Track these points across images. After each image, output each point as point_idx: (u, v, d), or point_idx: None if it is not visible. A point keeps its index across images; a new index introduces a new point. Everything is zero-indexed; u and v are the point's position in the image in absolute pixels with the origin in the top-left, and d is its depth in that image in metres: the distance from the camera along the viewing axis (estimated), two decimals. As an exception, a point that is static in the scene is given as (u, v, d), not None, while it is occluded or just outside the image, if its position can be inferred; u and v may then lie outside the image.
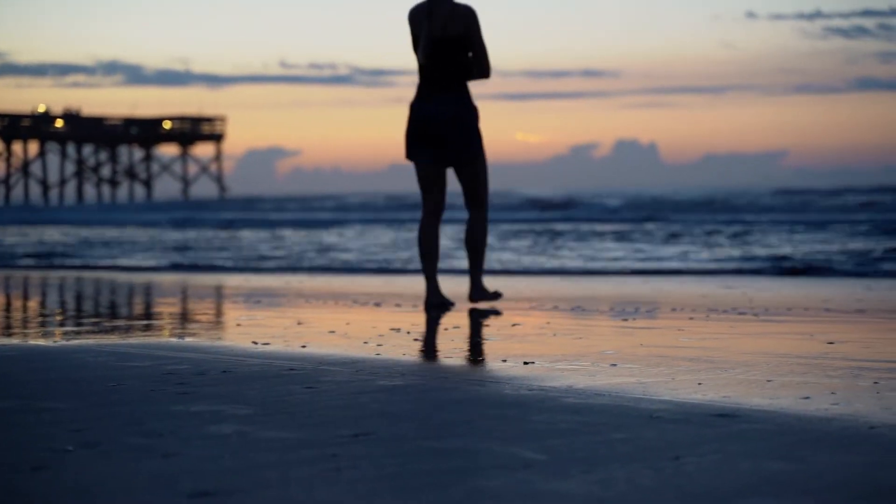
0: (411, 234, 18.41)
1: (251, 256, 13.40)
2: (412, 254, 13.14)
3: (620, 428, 2.88)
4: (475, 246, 6.37)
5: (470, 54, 6.15)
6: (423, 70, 6.15)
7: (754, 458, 2.53)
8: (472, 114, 6.14)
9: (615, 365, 4.05)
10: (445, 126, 6.08)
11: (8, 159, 61.93)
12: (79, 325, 5.70)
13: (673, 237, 16.30)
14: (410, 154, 6.22)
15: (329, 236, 18.54)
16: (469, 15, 6.03)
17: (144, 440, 2.77)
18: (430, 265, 6.29)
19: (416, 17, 6.13)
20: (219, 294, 8.24)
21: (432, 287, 6.29)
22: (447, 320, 5.73)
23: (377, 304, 6.76)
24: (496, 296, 6.55)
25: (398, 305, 6.70)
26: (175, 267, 11.93)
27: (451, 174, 6.37)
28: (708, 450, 2.61)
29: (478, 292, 6.43)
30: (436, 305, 6.25)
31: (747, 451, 2.59)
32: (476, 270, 6.39)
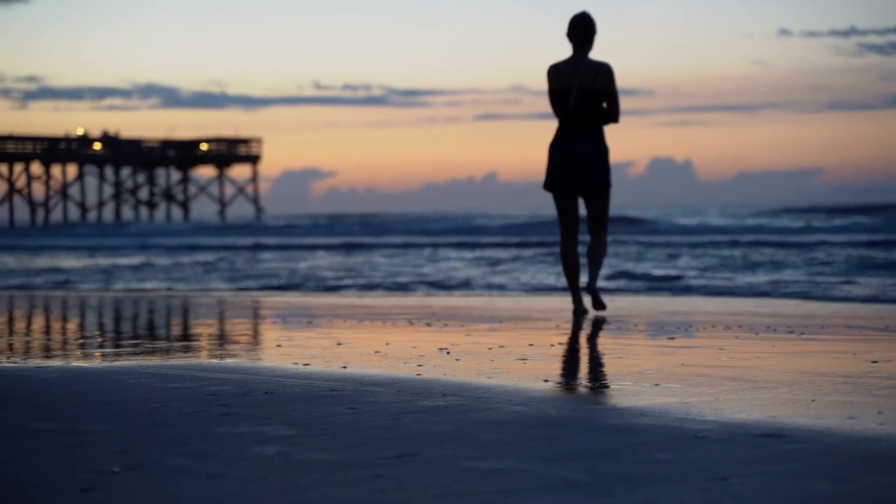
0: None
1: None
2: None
3: (665, 448, 2.86)
4: (596, 262, 7.29)
5: (604, 104, 7.19)
6: (568, 116, 7.14)
7: (802, 479, 2.50)
8: (607, 153, 7.21)
9: (657, 385, 4.03)
10: (588, 163, 7.12)
11: (47, 182, 62.49)
12: (119, 346, 5.73)
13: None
14: (551, 186, 7.22)
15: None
16: (610, 72, 7.11)
17: (189, 461, 2.78)
18: (574, 283, 7.32)
19: (559, 72, 7.15)
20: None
21: (577, 297, 7.32)
22: (490, 340, 5.73)
23: (428, 324, 6.78)
24: (604, 307, 7.39)
25: (446, 325, 6.70)
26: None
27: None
28: (755, 470, 2.59)
29: (598, 302, 7.30)
30: (579, 312, 7.26)
31: (795, 472, 2.57)
32: (594, 283, 7.27)
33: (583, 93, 7.06)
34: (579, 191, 7.21)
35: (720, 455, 2.76)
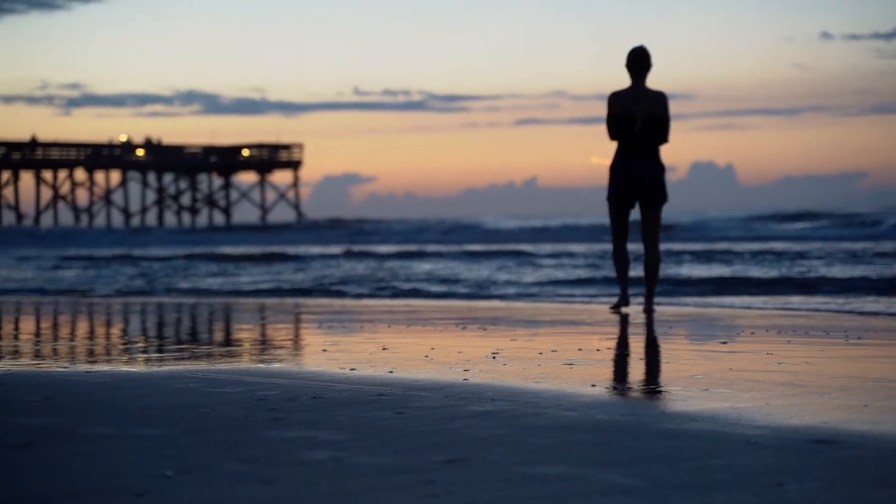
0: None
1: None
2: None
3: (718, 454, 2.84)
4: (653, 270, 8.06)
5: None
6: (631, 138, 7.93)
7: (859, 486, 2.47)
8: (664, 171, 8.07)
9: (707, 390, 4.00)
10: (649, 179, 7.95)
11: (91, 188, 63.02)
12: (163, 350, 5.77)
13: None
14: (615, 198, 8.03)
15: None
16: (666, 100, 8.01)
17: (241, 466, 2.78)
18: (623, 278, 8.12)
19: (621, 100, 7.96)
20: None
21: (624, 293, 8.08)
22: (535, 345, 5.71)
23: (463, 328, 6.77)
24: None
25: (489, 328, 6.70)
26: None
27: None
28: (810, 476, 2.56)
29: (650, 306, 7.97)
30: (626, 306, 8.06)
31: (851, 478, 2.54)
32: (651, 290, 8.03)
33: (644, 119, 7.91)
34: (640, 203, 8.06)
35: (775, 461, 2.74)
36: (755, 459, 2.76)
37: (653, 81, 7.96)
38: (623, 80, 8.02)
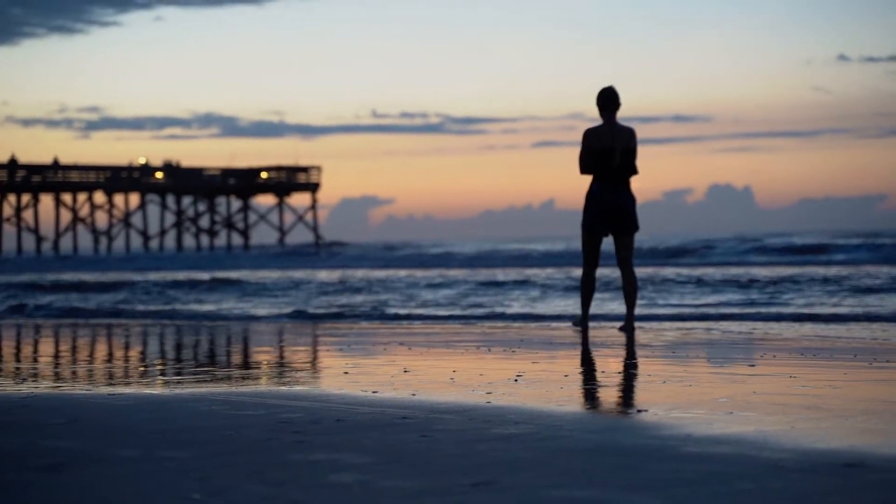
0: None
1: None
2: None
3: (745, 477, 2.82)
4: (633, 292, 8.57)
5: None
6: (611, 171, 8.46)
7: (889, 510, 2.46)
8: (636, 201, 8.59)
9: (731, 413, 3.98)
10: (627, 209, 8.51)
11: (110, 211, 63.28)
12: (180, 372, 5.78)
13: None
14: (592, 228, 8.51)
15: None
16: (635, 135, 8.58)
17: (268, 489, 2.79)
18: (588, 303, 8.66)
19: (597, 135, 8.52)
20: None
21: (585, 315, 8.66)
22: (557, 367, 5.70)
23: (487, 351, 6.76)
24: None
25: (513, 351, 6.69)
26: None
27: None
28: (840, 501, 2.55)
29: (632, 324, 8.50)
30: (585, 328, 8.56)
31: (881, 502, 2.52)
32: (632, 310, 8.54)
33: (621, 152, 8.45)
34: (614, 232, 8.55)
35: (803, 485, 2.72)
36: (783, 483, 2.75)
37: (669, 103, 8.27)
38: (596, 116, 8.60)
